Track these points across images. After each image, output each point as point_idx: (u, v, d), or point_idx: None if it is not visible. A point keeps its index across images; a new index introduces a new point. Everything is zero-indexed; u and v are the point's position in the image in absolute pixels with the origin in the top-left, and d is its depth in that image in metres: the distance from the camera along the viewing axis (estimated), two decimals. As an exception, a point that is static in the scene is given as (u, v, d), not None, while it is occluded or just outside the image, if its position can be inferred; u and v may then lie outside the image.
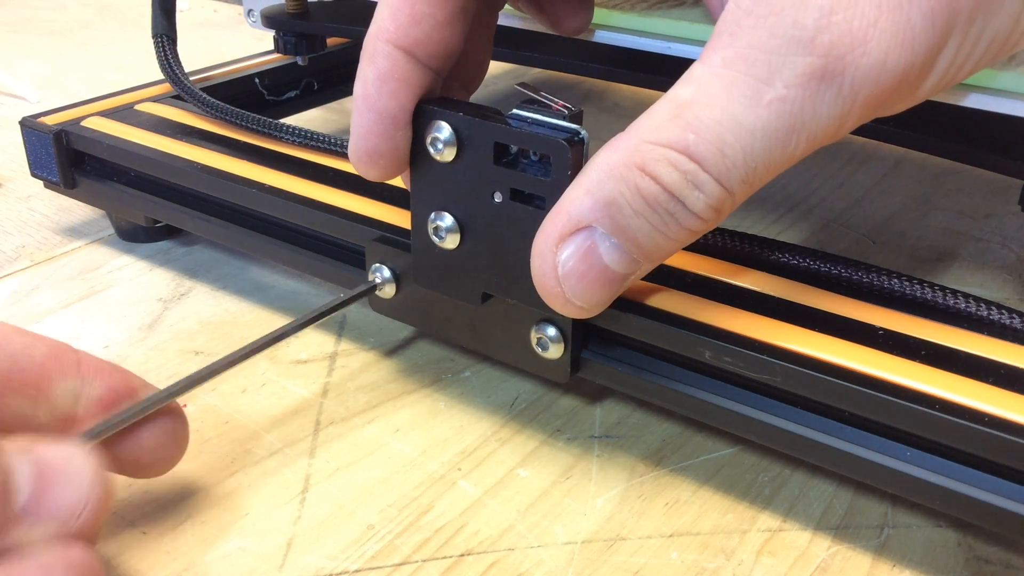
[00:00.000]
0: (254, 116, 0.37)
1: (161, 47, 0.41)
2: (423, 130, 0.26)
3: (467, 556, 0.25)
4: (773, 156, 0.20)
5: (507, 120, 0.25)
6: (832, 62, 0.19)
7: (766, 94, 0.20)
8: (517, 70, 0.64)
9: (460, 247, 0.27)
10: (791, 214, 0.45)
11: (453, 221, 0.26)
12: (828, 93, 0.20)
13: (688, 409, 0.27)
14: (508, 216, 0.25)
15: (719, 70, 0.20)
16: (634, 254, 0.22)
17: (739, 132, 0.20)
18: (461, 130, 0.25)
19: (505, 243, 0.26)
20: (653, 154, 0.21)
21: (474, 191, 0.26)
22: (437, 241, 0.27)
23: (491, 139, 0.25)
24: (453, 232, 0.26)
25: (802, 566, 0.25)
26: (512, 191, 0.25)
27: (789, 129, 0.20)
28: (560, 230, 0.22)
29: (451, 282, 0.28)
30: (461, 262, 0.27)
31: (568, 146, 0.23)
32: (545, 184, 0.24)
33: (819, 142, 0.21)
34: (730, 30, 0.20)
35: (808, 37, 0.19)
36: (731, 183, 0.21)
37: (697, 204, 0.21)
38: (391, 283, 0.30)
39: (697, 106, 0.20)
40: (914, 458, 0.23)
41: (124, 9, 0.82)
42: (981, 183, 0.49)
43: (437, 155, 0.26)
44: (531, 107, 0.25)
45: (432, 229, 0.27)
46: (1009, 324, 0.25)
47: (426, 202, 0.27)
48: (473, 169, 0.25)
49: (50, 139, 0.38)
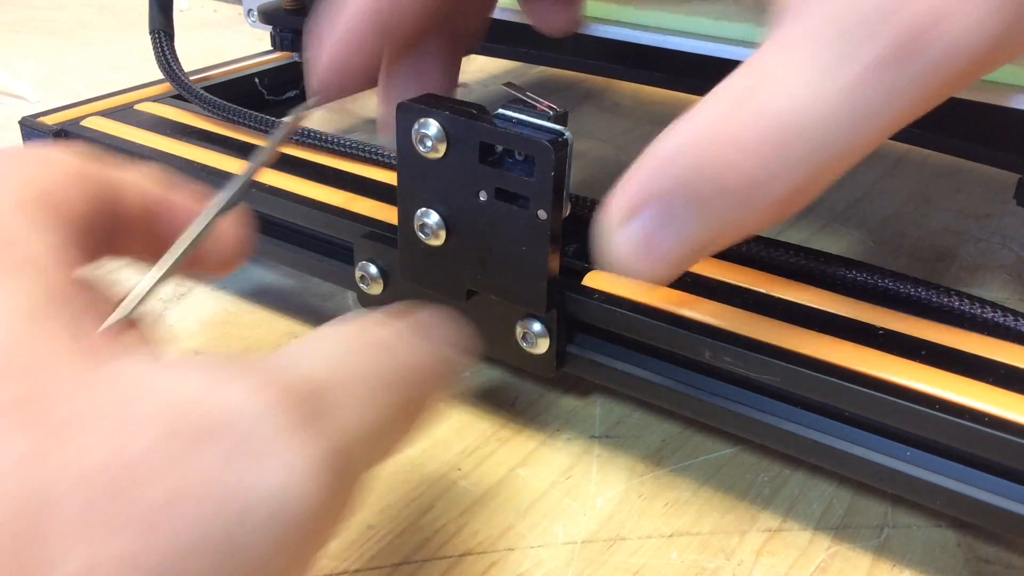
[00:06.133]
0: (250, 112, 0.37)
1: (158, 43, 0.41)
2: (410, 126, 0.26)
3: (467, 556, 0.25)
4: (852, 141, 0.19)
5: (493, 120, 0.25)
6: (914, 38, 0.17)
7: (843, 76, 0.18)
8: (517, 69, 0.64)
9: (445, 244, 0.27)
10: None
11: (439, 218, 0.26)
12: (911, 71, 0.18)
13: (688, 409, 0.27)
14: (492, 215, 0.25)
15: (789, 52, 0.19)
16: (700, 235, 0.21)
17: (815, 118, 0.18)
18: (448, 128, 0.25)
19: (489, 241, 0.26)
20: (718, 144, 0.19)
21: (460, 189, 0.26)
22: (423, 238, 0.27)
23: (477, 138, 0.25)
24: (439, 229, 0.26)
25: (802, 566, 0.25)
26: (497, 190, 0.25)
27: (869, 113, 0.18)
28: (630, 199, 0.21)
29: (436, 278, 0.28)
30: (446, 259, 0.27)
31: (552, 147, 0.23)
32: (529, 184, 0.24)
33: (899, 124, 0.19)
34: (795, 7, 0.19)
35: (890, 9, 0.17)
36: (800, 174, 0.19)
37: (767, 197, 0.19)
38: (378, 280, 0.30)
39: (764, 93, 0.19)
40: (914, 458, 0.23)
41: (124, 9, 0.82)
42: (981, 183, 0.49)
43: (424, 152, 0.26)
44: (517, 107, 0.25)
45: (418, 226, 0.27)
46: (1009, 324, 0.25)
47: (413, 199, 0.27)
48: (459, 167, 0.25)
49: (50, 139, 0.38)
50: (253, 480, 0.15)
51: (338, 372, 0.18)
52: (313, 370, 0.17)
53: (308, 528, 0.15)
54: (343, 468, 0.16)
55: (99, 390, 0.15)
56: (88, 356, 0.16)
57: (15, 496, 0.14)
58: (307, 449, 0.15)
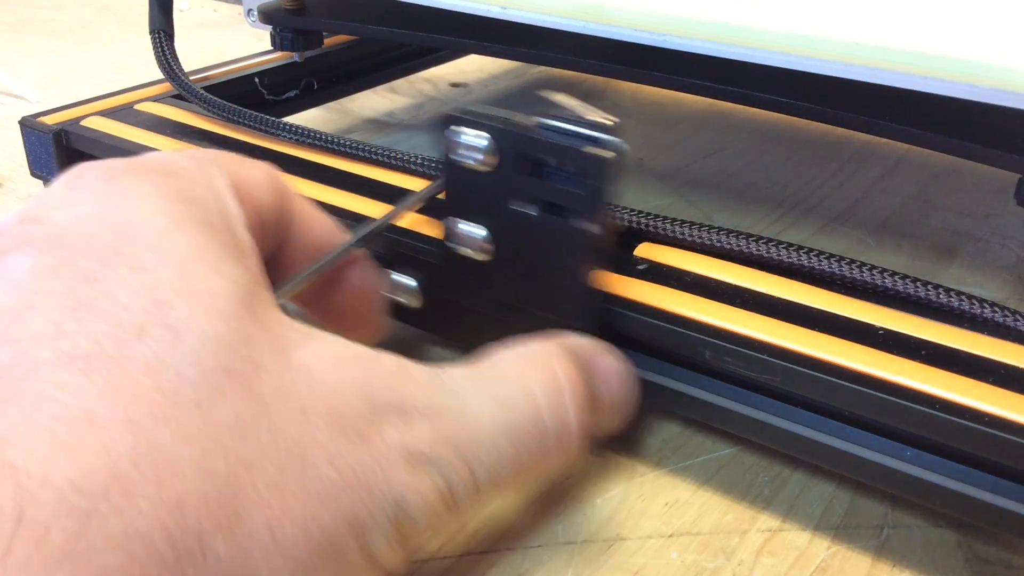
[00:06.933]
0: (250, 112, 0.37)
1: (158, 43, 0.41)
2: (458, 138, 0.25)
3: (467, 556, 0.25)
4: None
5: (541, 131, 0.24)
6: None
7: None
8: (517, 69, 0.65)
9: (490, 258, 0.26)
10: (791, 214, 0.45)
11: (485, 231, 0.26)
12: None
13: (688, 409, 0.27)
14: (540, 228, 0.25)
15: None
16: None
17: None
18: (496, 139, 0.24)
19: (535, 255, 0.25)
20: None
21: (507, 202, 0.25)
22: (469, 252, 0.26)
23: (530, 151, 0.24)
24: (485, 243, 0.26)
25: (802, 566, 0.25)
26: (545, 203, 0.25)
27: None
28: None
29: (480, 293, 0.27)
30: (491, 273, 0.27)
31: (609, 161, 0.23)
32: (580, 198, 0.24)
33: None
34: None
35: None
36: None
37: None
38: (417, 294, 0.29)
39: None
40: (914, 458, 0.23)
41: (124, 9, 0.82)
42: (981, 183, 0.49)
43: (473, 165, 0.25)
44: (565, 117, 0.24)
45: (463, 239, 0.26)
46: (1009, 324, 0.25)
47: (459, 211, 0.26)
48: (507, 180, 0.25)
49: (50, 139, 0.38)
50: (381, 485, 0.19)
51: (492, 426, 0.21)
52: (479, 416, 0.21)
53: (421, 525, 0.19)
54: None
55: (295, 372, 0.18)
56: (281, 338, 0.19)
57: (228, 450, 0.17)
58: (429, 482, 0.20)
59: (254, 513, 0.17)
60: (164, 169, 0.21)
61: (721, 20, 0.32)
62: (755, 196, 0.47)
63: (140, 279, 0.18)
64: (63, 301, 0.17)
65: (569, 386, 0.23)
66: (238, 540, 0.16)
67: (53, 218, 0.19)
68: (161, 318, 0.17)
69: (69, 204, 0.19)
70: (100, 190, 0.20)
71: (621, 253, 0.29)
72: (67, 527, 0.15)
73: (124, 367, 0.16)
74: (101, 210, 0.19)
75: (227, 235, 0.20)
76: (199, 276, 0.18)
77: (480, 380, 0.22)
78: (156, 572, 0.15)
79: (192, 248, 0.19)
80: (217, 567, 0.16)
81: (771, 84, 0.32)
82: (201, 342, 0.17)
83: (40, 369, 0.16)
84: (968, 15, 0.28)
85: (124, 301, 0.17)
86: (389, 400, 0.19)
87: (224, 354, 0.18)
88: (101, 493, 0.15)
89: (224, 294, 0.18)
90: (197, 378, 0.17)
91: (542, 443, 0.22)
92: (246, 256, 0.20)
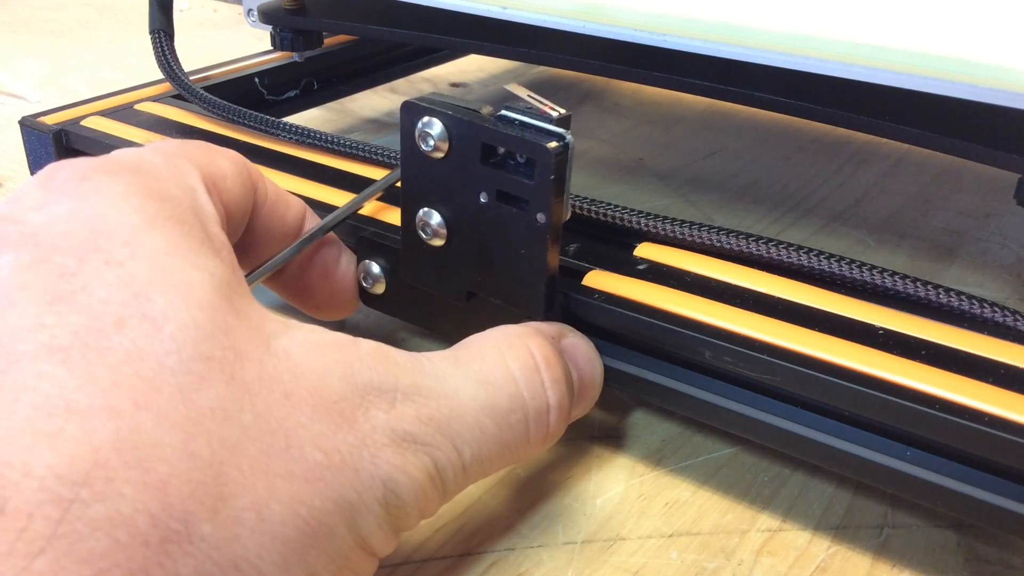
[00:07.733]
0: (250, 112, 0.37)
1: (158, 43, 0.41)
2: (414, 125, 0.25)
3: (467, 556, 0.25)
4: None
5: (495, 121, 0.25)
6: None
7: None
8: (517, 69, 0.65)
9: (446, 245, 0.27)
10: (791, 214, 0.45)
11: (441, 219, 0.26)
12: None
13: (688, 409, 0.27)
14: (493, 216, 0.25)
15: None
16: None
17: None
18: (451, 128, 0.25)
19: (490, 243, 0.26)
20: None
21: (461, 189, 0.26)
22: (425, 238, 0.27)
23: (479, 139, 0.25)
24: (440, 229, 0.26)
25: (802, 566, 0.25)
26: (498, 192, 0.25)
27: None
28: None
29: (438, 279, 0.28)
30: (448, 260, 0.27)
31: (552, 150, 0.23)
32: (529, 187, 0.24)
33: None
34: None
35: None
36: None
37: None
38: (381, 279, 0.30)
39: None
40: (914, 458, 0.23)
41: (124, 9, 0.82)
42: (981, 183, 0.49)
43: (427, 152, 0.26)
44: (520, 108, 0.25)
45: (420, 225, 0.27)
46: (1009, 324, 0.25)
47: (415, 198, 0.27)
48: (461, 167, 0.25)
49: (50, 139, 0.38)
50: (368, 466, 0.19)
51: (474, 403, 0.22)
52: (461, 396, 0.21)
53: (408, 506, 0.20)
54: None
55: (277, 359, 0.19)
56: (260, 327, 0.19)
57: (211, 434, 0.17)
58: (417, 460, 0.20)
59: (240, 495, 0.17)
60: (136, 167, 0.21)
61: (721, 20, 0.32)
62: (755, 196, 0.47)
63: (116, 273, 0.18)
64: (41, 296, 0.17)
65: (544, 363, 0.23)
66: (224, 521, 0.16)
67: (28, 218, 0.19)
68: (139, 309, 0.17)
69: (44, 204, 0.20)
70: (73, 189, 0.20)
71: (621, 253, 0.29)
72: (50, 515, 0.15)
73: (104, 357, 0.17)
74: (75, 209, 0.19)
75: (200, 231, 0.20)
76: (175, 269, 0.19)
77: (460, 362, 0.22)
78: (141, 555, 0.15)
79: (166, 243, 0.19)
80: (204, 548, 0.16)
81: (771, 84, 0.32)
82: (180, 331, 0.17)
83: (20, 361, 0.16)
84: (968, 15, 0.28)
85: (102, 295, 0.18)
86: (372, 382, 0.20)
87: (204, 342, 0.18)
88: (83, 480, 0.15)
89: (201, 285, 0.19)
90: (178, 366, 0.17)
91: (523, 420, 0.22)
92: (220, 250, 0.21)
